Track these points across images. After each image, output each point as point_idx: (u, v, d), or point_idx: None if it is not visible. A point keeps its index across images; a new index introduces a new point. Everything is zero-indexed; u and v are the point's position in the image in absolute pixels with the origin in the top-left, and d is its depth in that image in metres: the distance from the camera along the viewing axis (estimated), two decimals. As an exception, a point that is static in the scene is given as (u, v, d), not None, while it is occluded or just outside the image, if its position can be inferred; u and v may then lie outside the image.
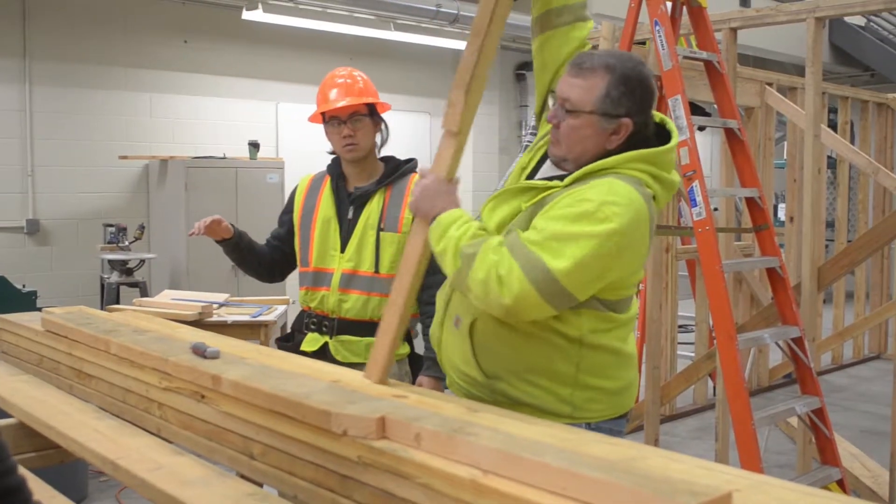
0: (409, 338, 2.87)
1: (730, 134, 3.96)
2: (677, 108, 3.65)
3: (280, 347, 2.93)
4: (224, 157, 7.35)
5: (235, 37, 7.96)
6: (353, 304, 2.77)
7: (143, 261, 6.64)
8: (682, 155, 3.64)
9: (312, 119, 2.93)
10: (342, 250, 2.81)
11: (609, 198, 1.81)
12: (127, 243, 6.60)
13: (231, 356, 2.11)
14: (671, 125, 2.04)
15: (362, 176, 2.87)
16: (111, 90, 7.38)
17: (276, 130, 8.38)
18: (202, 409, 1.94)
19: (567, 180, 1.92)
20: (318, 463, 1.62)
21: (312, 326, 2.85)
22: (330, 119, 2.83)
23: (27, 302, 4.91)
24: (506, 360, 1.96)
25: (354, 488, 1.55)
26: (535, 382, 1.95)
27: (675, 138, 1.99)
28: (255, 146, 7.43)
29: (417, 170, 2.86)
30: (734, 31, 4.64)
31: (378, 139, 2.89)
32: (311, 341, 2.83)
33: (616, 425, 2.04)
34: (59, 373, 2.57)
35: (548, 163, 2.07)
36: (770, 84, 6.75)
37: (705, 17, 3.97)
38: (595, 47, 5.29)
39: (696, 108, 5.69)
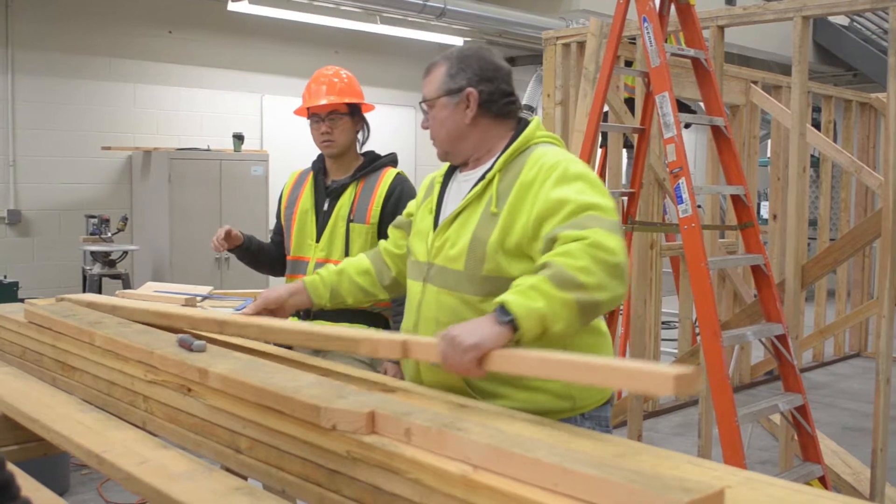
0: (386, 325, 2.94)
1: (716, 131, 3.97)
2: (664, 104, 3.66)
3: None
4: (208, 150, 7.32)
5: (221, 28, 7.91)
6: None
7: (125, 252, 6.59)
8: (669, 152, 3.65)
9: (298, 113, 3.11)
10: (317, 240, 2.98)
11: (563, 156, 1.98)
12: (110, 235, 6.55)
13: (217, 349, 2.10)
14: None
15: (341, 170, 3.04)
16: (95, 80, 7.32)
17: (260, 123, 8.34)
18: (189, 402, 1.93)
19: (498, 165, 2.00)
20: (306, 457, 1.61)
21: None
22: (311, 115, 3.01)
23: (9, 293, 4.88)
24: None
25: (343, 483, 1.54)
26: (531, 386, 1.95)
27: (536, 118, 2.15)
28: (239, 138, 7.40)
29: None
30: (721, 28, 4.65)
31: (360, 137, 3.05)
32: None
33: (603, 411, 2.06)
34: (43, 365, 2.54)
35: (456, 181, 2.14)
36: (755, 82, 6.78)
37: (693, 15, 3.98)
38: (582, 44, 5.29)
39: (682, 106, 5.71)
